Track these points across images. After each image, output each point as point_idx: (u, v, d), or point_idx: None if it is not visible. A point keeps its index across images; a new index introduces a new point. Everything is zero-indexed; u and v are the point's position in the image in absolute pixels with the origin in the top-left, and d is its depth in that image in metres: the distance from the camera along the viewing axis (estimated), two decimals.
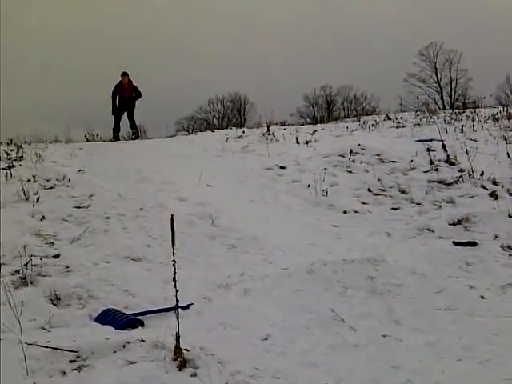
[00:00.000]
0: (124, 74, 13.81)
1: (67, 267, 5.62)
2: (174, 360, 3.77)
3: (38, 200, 7.20)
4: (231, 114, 54.81)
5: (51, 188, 7.83)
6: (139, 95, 13.90)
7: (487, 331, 4.79)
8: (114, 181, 8.34)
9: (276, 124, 15.01)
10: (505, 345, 4.55)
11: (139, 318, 4.75)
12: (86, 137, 13.60)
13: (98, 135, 13.83)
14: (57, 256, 5.84)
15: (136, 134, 14.06)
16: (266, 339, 4.56)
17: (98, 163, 9.45)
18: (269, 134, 12.19)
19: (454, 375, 4.06)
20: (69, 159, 9.52)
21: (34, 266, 5.42)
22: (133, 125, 14.06)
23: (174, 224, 3.97)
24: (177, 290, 3.87)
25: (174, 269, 3.86)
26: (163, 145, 11.96)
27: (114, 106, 13.74)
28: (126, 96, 13.72)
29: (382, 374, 4.03)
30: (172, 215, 3.91)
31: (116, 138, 13.67)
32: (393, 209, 8.15)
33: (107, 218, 6.95)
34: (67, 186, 7.90)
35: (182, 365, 3.73)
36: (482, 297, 5.49)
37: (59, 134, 14.14)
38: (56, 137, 13.67)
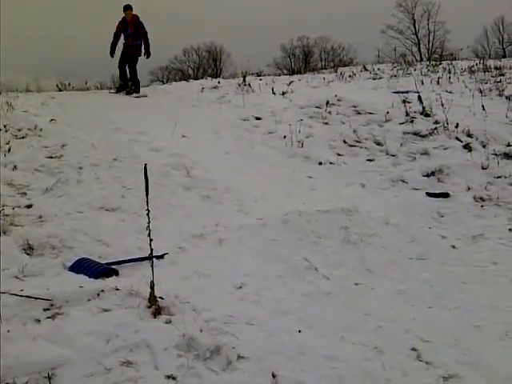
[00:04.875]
0: (127, 8, 11.28)
1: (40, 217, 5.56)
2: (149, 307, 3.79)
3: (9, 150, 7.06)
4: (207, 65, 54.02)
5: (23, 138, 7.68)
6: (146, 38, 11.31)
7: (457, 280, 4.89)
8: (87, 131, 8.20)
9: (252, 74, 14.84)
10: (474, 293, 4.65)
11: (114, 267, 4.75)
12: (57, 86, 13.16)
13: (70, 85, 13.41)
14: (29, 206, 5.76)
15: (133, 89, 11.39)
16: (240, 287, 4.61)
17: (70, 113, 9.26)
18: (245, 85, 12.05)
19: (424, 322, 4.15)
20: (40, 109, 9.31)
21: (7, 215, 5.35)
22: (133, 77, 11.46)
23: (148, 174, 3.93)
24: (151, 240, 3.87)
25: (148, 218, 3.84)
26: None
27: (112, 49, 11.32)
28: (128, 33, 11.19)
29: (353, 321, 4.10)
30: (145, 164, 3.87)
31: (121, 87, 11.53)
32: (368, 160, 8.18)
33: (80, 168, 6.86)
34: (39, 136, 7.75)
35: (157, 312, 3.75)
36: (453, 246, 5.59)
37: (29, 84, 13.41)
38: (27, 86, 13.24)
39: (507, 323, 4.11)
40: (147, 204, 3.88)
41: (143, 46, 11.44)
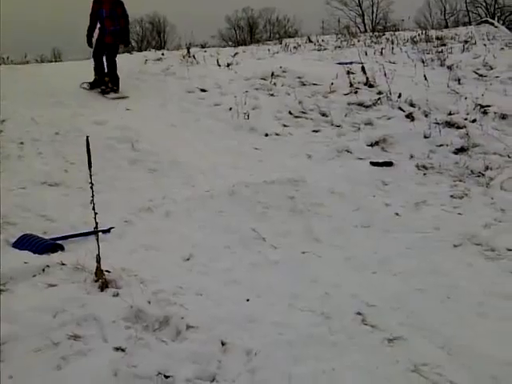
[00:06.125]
0: None
1: None
2: (96, 281, 3.76)
3: None
4: (150, 37, 52.98)
5: None
6: (125, 22, 9.33)
7: (401, 246, 5.00)
8: (27, 105, 7.98)
9: (197, 46, 14.67)
10: (417, 258, 4.77)
11: (59, 242, 4.67)
12: None
13: (8, 58, 13.02)
14: None
15: (110, 87, 9.25)
16: (188, 259, 4.62)
17: (8, 87, 8.98)
18: (189, 57, 11.90)
19: (369, 287, 4.24)
20: None
21: None
22: (111, 72, 9.32)
23: (91, 147, 3.87)
24: (95, 213, 3.82)
25: (92, 191, 3.79)
26: (79, 67, 11.46)
27: (89, 36, 9.32)
28: (103, 14, 9.08)
29: (301, 288, 4.17)
30: (87, 136, 3.81)
31: (96, 83, 9.33)
32: (313, 131, 8.23)
33: (21, 143, 6.69)
34: None
35: (104, 286, 3.73)
36: (397, 214, 5.70)
37: None
38: None
39: (449, 286, 4.25)
40: (90, 177, 3.83)
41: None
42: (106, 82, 9.22)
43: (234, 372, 3.08)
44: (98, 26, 9.23)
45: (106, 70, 9.32)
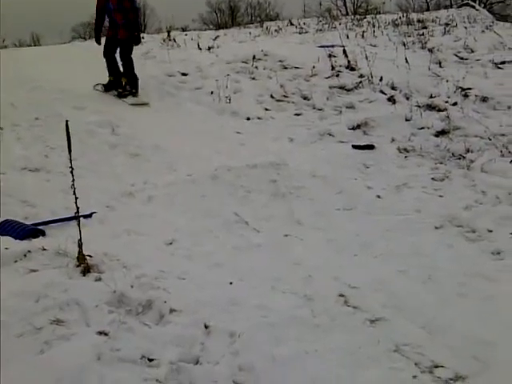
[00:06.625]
0: None
1: None
2: (78, 266, 3.73)
3: None
4: None
5: None
6: (135, 16, 8.22)
7: (382, 228, 5.05)
8: (6, 90, 7.86)
9: (177, 29, 14.57)
10: (398, 240, 4.82)
11: (40, 228, 4.63)
12: None
13: None
14: None
15: (128, 90, 8.25)
16: (170, 243, 4.61)
17: None
18: (170, 40, 11.82)
19: (351, 269, 4.28)
20: None
21: None
22: (128, 71, 8.30)
23: (71, 132, 3.82)
24: (76, 198, 3.78)
25: (72, 176, 3.75)
26: (58, 52, 11.33)
27: (97, 32, 8.49)
28: (111, 7, 8.05)
29: (284, 271, 4.19)
30: (67, 121, 3.75)
31: (111, 84, 8.38)
32: (295, 115, 8.24)
33: (0, 128, 6.60)
34: None
35: (86, 270, 3.70)
36: (379, 196, 5.74)
37: None
38: None
39: (430, 267, 4.30)
40: (70, 162, 3.79)
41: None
42: (123, 85, 8.19)
43: (217, 354, 3.09)
44: (107, 19, 8.36)
45: (121, 70, 8.37)
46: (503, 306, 3.75)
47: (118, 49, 8.33)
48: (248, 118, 8.05)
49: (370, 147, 6.93)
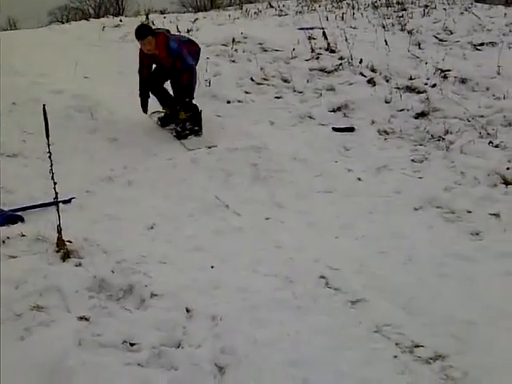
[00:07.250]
0: (139, 37, 6.55)
1: None
2: (57, 252, 3.71)
3: None
4: (108, 3, 51.70)
5: None
6: (189, 70, 6.61)
7: (363, 210, 5.08)
8: None
9: (156, 12, 14.41)
10: (379, 222, 4.86)
11: (19, 213, 4.59)
12: None
13: None
14: None
15: (188, 127, 6.65)
16: (151, 228, 4.60)
17: None
18: (148, 23, 11.68)
19: (332, 251, 4.31)
20: None
21: None
22: (184, 97, 6.63)
23: (48, 116, 3.78)
24: (55, 183, 3.76)
25: (51, 160, 3.72)
26: (36, 36, 11.15)
27: (143, 100, 6.83)
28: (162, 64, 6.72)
29: (265, 254, 4.21)
30: (44, 105, 3.71)
31: (167, 118, 6.86)
32: (276, 98, 8.17)
33: None
34: None
35: (66, 256, 3.68)
36: (359, 179, 5.76)
37: None
38: None
39: (410, 248, 4.35)
40: (48, 146, 3.76)
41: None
42: (182, 120, 6.65)
43: (199, 337, 3.10)
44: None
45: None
46: (482, 286, 3.81)
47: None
48: (228, 102, 7.98)
49: (350, 129, 6.93)
